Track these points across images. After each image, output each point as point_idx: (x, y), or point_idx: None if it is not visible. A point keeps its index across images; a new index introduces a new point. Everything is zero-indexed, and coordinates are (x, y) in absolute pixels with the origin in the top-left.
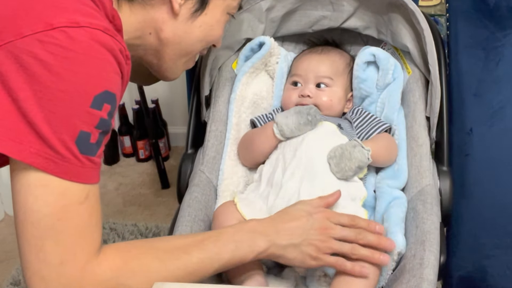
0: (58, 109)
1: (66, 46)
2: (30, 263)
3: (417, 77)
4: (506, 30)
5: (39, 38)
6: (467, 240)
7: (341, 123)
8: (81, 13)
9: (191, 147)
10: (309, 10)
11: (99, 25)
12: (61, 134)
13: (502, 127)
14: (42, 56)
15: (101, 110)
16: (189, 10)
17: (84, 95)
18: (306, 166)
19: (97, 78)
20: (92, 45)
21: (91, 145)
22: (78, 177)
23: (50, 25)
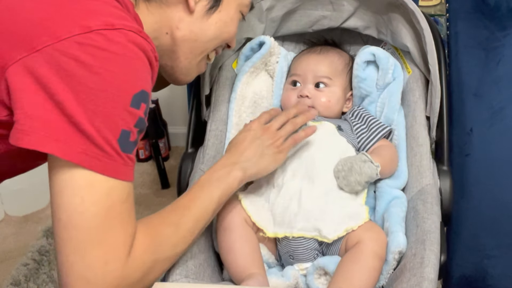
0: (100, 108)
1: (105, 47)
2: (74, 267)
3: (417, 76)
4: (506, 30)
5: (78, 41)
6: (467, 240)
7: (341, 124)
8: (115, 16)
9: (191, 147)
10: (309, 10)
11: (133, 27)
12: (105, 133)
13: (502, 127)
14: (82, 57)
15: (139, 109)
16: (204, 7)
17: (124, 95)
18: (307, 167)
19: (134, 78)
20: (128, 46)
21: (131, 143)
22: (122, 174)
23: (87, 27)
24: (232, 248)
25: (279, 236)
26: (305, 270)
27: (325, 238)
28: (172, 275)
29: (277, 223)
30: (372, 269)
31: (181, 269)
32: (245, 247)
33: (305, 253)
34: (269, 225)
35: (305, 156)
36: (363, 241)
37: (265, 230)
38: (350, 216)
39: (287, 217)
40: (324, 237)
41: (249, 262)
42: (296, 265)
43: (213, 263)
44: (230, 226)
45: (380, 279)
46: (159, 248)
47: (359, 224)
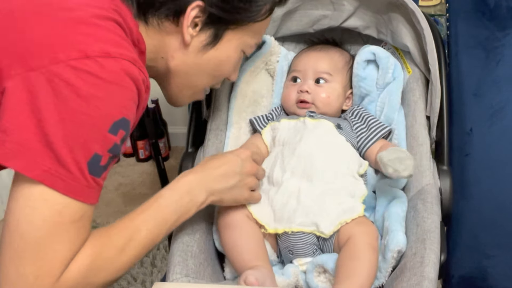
0: (79, 130)
1: (97, 73)
2: (8, 275)
3: (417, 76)
4: (506, 30)
5: (73, 65)
6: (467, 240)
7: (340, 123)
8: (113, 44)
9: (191, 146)
10: (309, 10)
11: (128, 56)
12: (76, 154)
13: (502, 127)
14: (73, 81)
15: (116, 136)
16: (200, 42)
17: (105, 120)
18: (305, 165)
19: (118, 105)
20: (120, 75)
21: (100, 167)
22: (80, 195)
23: (84, 53)
24: (237, 244)
25: (278, 232)
26: (304, 265)
27: (322, 233)
28: (172, 274)
29: (277, 219)
30: (370, 262)
31: (181, 268)
32: (250, 242)
33: (304, 248)
34: (270, 221)
35: (303, 155)
36: (354, 235)
37: (266, 227)
38: (345, 211)
39: (286, 213)
40: (322, 232)
41: (254, 256)
42: (296, 261)
43: (213, 262)
44: (234, 222)
45: (379, 277)
46: (97, 272)
47: (352, 217)
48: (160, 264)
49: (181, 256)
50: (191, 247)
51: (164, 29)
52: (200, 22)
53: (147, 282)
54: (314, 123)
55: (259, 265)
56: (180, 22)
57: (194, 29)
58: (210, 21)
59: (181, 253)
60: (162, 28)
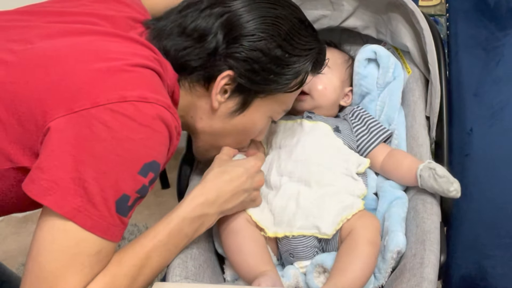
0: (110, 170)
1: (133, 117)
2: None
3: (417, 76)
4: (506, 30)
5: (112, 108)
6: (467, 240)
7: (339, 125)
8: (151, 90)
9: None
10: (309, 10)
11: (164, 102)
12: (106, 193)
13: (502, 127)
14: (110, 123)
15: (146, 178)
16: (228, 109)
17: (136, 162)
18: (302, 170)
19: (150, 148)
20: (155, 119)
21: (127, 207)
22: (103, 232)
23: (123, 97)
24: (241, 249)
25: (279, 236)
26: (305, 268)
27: (325, 234)
28: (172, 276)
29: (277, 223)
30: (366, 257)
31: (181, 270)
32: (254, 246)
33: (305, 251)
34: (270, 225)
35: (300, 159)
36: (355, 229)
37: (266, 230)
38: (345, 209)
39: (286, 216)
40: (324, 234)
41: (260, 261)
42: (296, 263)
43: (213, 264)
44: (235, 228)
45: (379, 278)
46: None
47: (353, 213)
48: None
49: (181, 258)
50: (191, 249)
51: (195, 92)
52: (230, 90)
53: None
54: (311, 125)
55: (268, 269)
56: (210, 87)
57: (223, 96)
58: (239, 89)
59: (181, 255)
60: (193, 91)
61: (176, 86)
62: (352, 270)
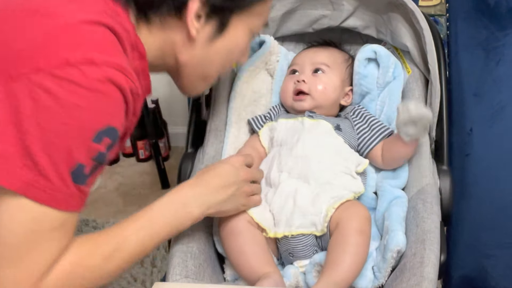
0: (60, 141)
1: (78, 82)
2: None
3: (417, 76)
4: (506, 30)
5: (54, 73)
6: (467, 240)
7: (340, 123)
8: (98, 50)
9: (191, 146)
10: (308, 10)
11: (114, 63)
12: (58, 165)
13: (502, 127)
14: (54, 90)
15: (101, 144)
16: (207, 34)
17: (87, 130)
18: (302, 167)
19: (102, 114)
20: (103, 83)
21: (84, 175)
22: (60, 204)
23: (66, 61)
24: (243, 251)
25: (278, 236)
26: (304, 267)
27: (321, 231)
28: (172, 276)
29: (276, 222)
30: (356, 247)
31: (181, 269)
32: (256, 247)
33: (304, 250)
34: (271, 225)
35: (300, 155)
36: (342, 221)
37: (267, 230)
38: (335, 201)
39: (284, 216)
40: (320, 230)
41: (262, 262)
42: (296, 263)
43: (213, 263)
44: (236, 229)
45: (379, 277)
46: (77, 280)
47: (341, 202)
48: (160, 264)
49: (181, 257)
50: (191, 248)
51: (167, 26)
52: (204, 14)
53: (147, 282)
54: (312, 123)
55: (271, 271)
56: (183, 16)
57: (198, 22)
58: (213, 11)
59: (181, 254)
60: (165, 25)
61: (137, 37)
62: (343, 262)
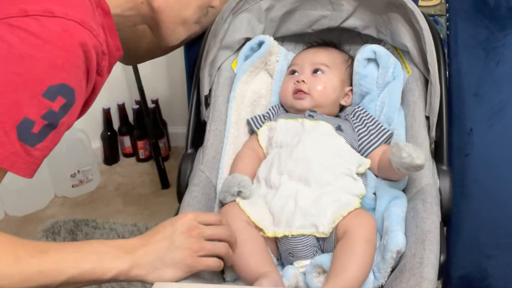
0: (7, 90)
1: (35, 33)
2: None
3: (417, 76)
4: (506, 30)
5: (10, 22)
6: (467, 240)
7: (341, 124)
8: (60, 3)
9: (191, 147)
10: (308, 10)
11: (76, 16)
12: (3, 116)
13: (502, 127)
14: (8, 38)
15: (53, 102)
16: None
17: (39, 83)
18: (302, 169)
19: (57, 69)
20: (62, 36)
21: (32, 135)
22: (3, 161)
23: (24, 11)
24: (242, 252)
25: (278, 236)
26: (304, 267)
27: (323, 233)
28: None
29: (276, 222)
30: (363, 255)
31: None
32: (254, 248)
33: (304, 250)
34: (269, 225)
35: (300, 158)
36: (350, 229)
37: (264, 230)
38: (341, 207)
39: (285, 216)
40: (322, 233)
41: (261, 262)
42: (296, 263)
43: None
44: (234, 230)
45: (378, 278)
46: None
47: (349, 210)
48: None
49: None
50: None
51: None
52: None
53: None
54: (312, 125)
55: (269, 271)
56: None
57: None
58: None
59: None
60: None
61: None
62: (350, 270)
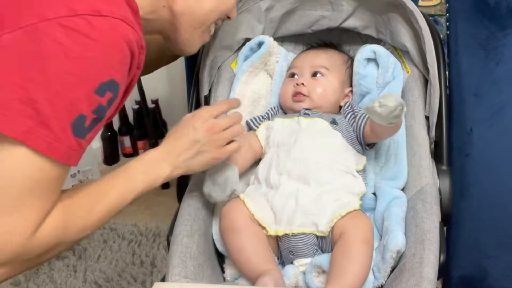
0: (64, 90)
1: (86, 33)
2: None
3: (416, 76)
4: (506, 30)
5: (62, 23)
6: (467, 240)
7: (335, 118)
8: (103, 1)
9: None
10: (308, 10)
11: (120, 14)
12: (60, 114)
13: (502, 127)
14: (61, 40)
15: (103, 97)
16: None
17: (92, 81)
18: (301, 169)
19: (107, 66)
20: (111, 35)
21: (84, 129)
22: (59, 154)
23: (73, 11)
24: (244, 248)
25: (279, 234)
26: (304, 266)
27: (322, 232)
28: (172, 276)
29: (277, 221)
30: (362, 256)
31: (180, 269)
32: (256, 245)
33: (304, 248)
34: (271, 223)
35: (298, 157)
36: (347, 230)
37: (267, 228)
38: (341, 207)
39: (286, 215)
40: (322, 232)
41: (263, 259)
42: (296, 261)
43: (212, 263)
44: (238, 226)
45: (378, 278)
46: (66, 231)
47: (347, 211)
48: (160, 264)
49: (180, 257)
50: (190, 248)
51: None
52: None
53: (147, 282)
54: (308, 123)
55: (271, 268)
56: None
57: None
58: None
59: (180, 255)
60: None
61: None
62: (350, 272)
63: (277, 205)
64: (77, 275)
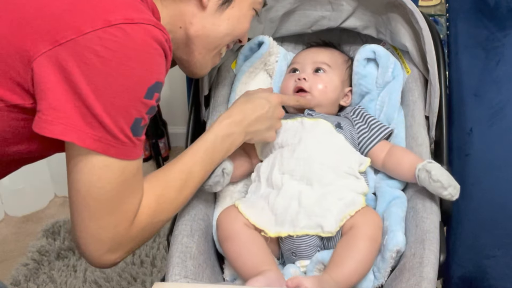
0: (116, 100)
1: (124, 42)
2: (88, 228)
3: (416, 76)
4: (506, 30)
5: (99, 35)
6: (467, 240)
7: (340, 121)
8: (134, 10)
9: None
10: (308, 10)
11: (151, 20)
12: (119, 122)
13: (502, 127)
14: (102, 52)
15: (152, 99)
16: (216, 3)
17: (139, 88)
18: (304, 169)
19: (150, 71)
20: (146, 41)
21: (142, 127)
22: (132, 155)
23: (108, 22)
24: (240, 255)
25: (282, 236)
26: (305, 267)
27: (329, 233)
28: (172, 276)
29: (279, 222)
30: (364, 252)
31: (180, 269)
32: (252, 249)
33: (307, 250)
34: (270, 225)
35: (301, 157)
36: (356, 226)
37: (266, 231)
38: (347, 205)
39: (289, 216)
40: (328, 232)
41: (260, 261)
42: (298, 262)
43: (212, 263)
44: (232, 234)
45: (378, 277)
46: (161, 212)
47: (356, 209)
48: (160, 264)
49: (180, 257)
50: (190, 248)
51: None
52: None
53: (147, 282)
54: (311, 123)
55: (265, 269)
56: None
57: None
58: None
59: (180, 254)
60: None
61: (154, 4)
62: (348, 264)
63: (280, 207)
64: (77, 275)
